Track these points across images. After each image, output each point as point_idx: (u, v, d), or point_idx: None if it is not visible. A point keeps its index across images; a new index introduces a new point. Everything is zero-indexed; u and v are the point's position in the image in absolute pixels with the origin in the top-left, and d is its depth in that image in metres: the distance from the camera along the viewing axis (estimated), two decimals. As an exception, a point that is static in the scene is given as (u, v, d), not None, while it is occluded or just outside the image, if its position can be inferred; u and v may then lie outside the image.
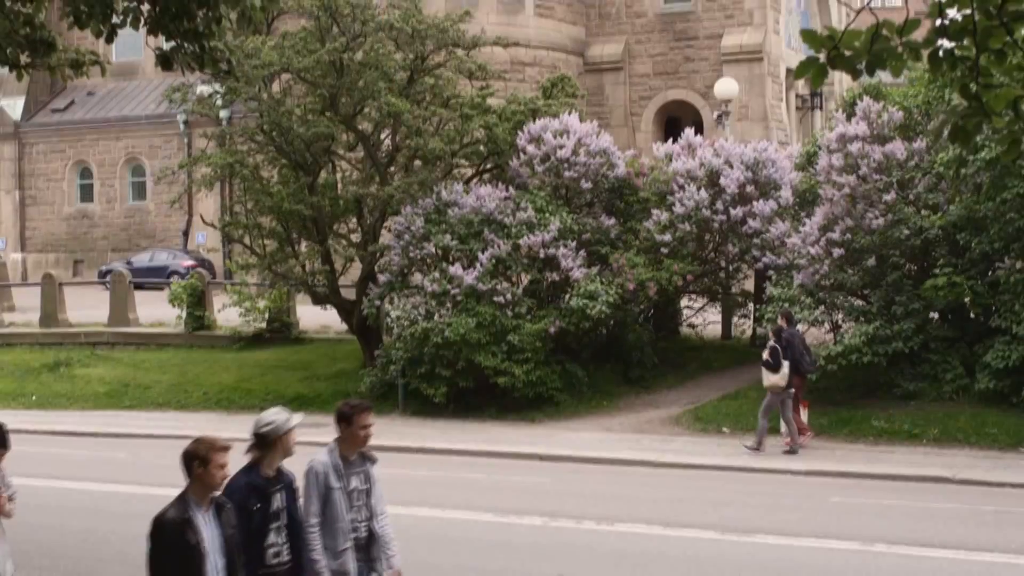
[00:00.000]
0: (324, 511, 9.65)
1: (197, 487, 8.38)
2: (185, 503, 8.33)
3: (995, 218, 24.68)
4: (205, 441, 8.49)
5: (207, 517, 8.37)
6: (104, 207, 61.91)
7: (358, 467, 9.93)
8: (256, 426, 9.40)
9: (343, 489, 9.73)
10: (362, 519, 9.88)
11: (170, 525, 8.20)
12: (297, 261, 30.90)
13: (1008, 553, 15.54)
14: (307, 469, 9.75)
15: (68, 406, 32.57)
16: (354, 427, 9.84)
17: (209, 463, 8.32)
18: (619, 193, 30.24)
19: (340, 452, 9.87)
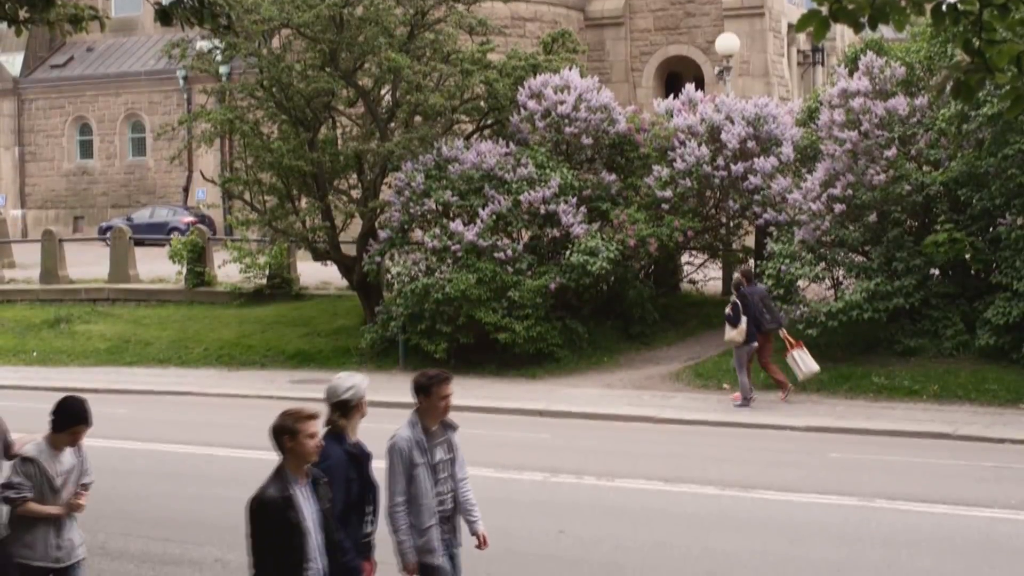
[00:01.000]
0: (408, 488, 9.44)
1: (291, 460, 8.21)
2: (284, 480, 8.15)
3: (996, 174, 24.64)
4: (291, 413, 8.31)
5: (305, 492, 8.19)
6: (104, 163, 61.82)
7: (440, 437, 9.71)
8: (335, 393, 9.24)
9: (427, 464, 9.51)
10: (447, 491, 9.69)
11: (272, 504, 8.01)
12: (297, 217, 30.84)
13: (1008, 509, 15.58)
14: (390, 446, 9.51)
15: (69, 362, 32.63)
16: (433, 398, 9.62)
17: (299, 434, 8.16)
18: (620, 149, 30.17)
19: (422, 424, 9.63)
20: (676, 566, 13.24)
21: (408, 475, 9.41)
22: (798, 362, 24.11)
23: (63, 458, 9.57)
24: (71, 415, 9.51)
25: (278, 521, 7.95)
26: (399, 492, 9.38)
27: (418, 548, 9.44)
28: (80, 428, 9.53)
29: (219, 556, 13.73)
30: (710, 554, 13.66)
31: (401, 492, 9.37)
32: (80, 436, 9.57)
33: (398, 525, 9.38)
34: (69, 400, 9.65)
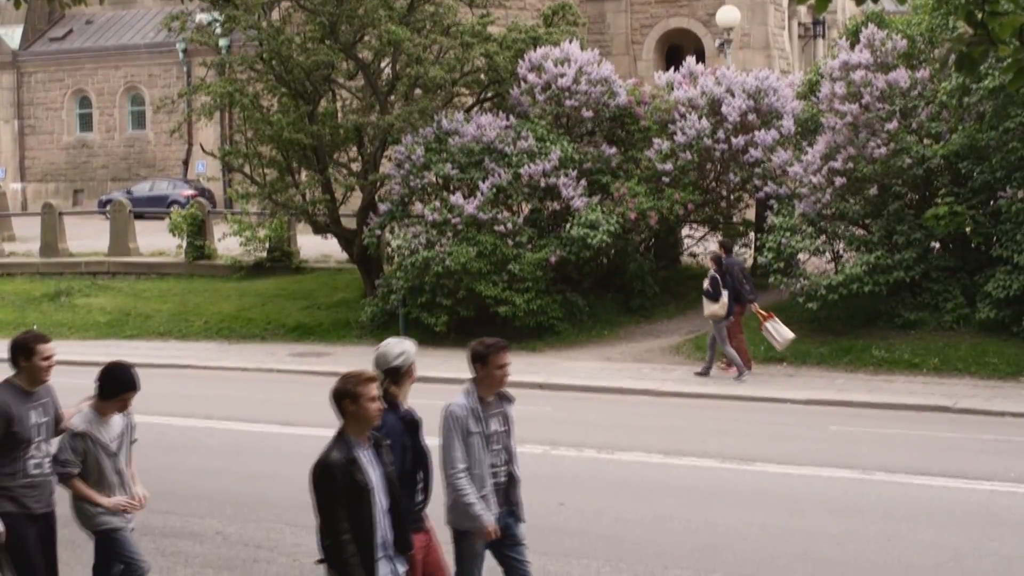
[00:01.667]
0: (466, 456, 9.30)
1: (353, 425, 8.11)
2: (346, 443, 8.06)
3: (997, 147, 24.61)
4: (351, 376, 8.20)
5: (368, 455, 8.10)
6: (103, 136, 61.73)
7: (496, 408, 9.58)
8: (385, 360, 9.15)
9: (482, 433, 9.37)
10: (501, 463, 9.51)
11: (337, 467, 7.92)
12: (297, 190, 30.81)
13: (1007, 481, 15.60)
14: (446, 413, 9.39)
15: (69, 335, 32.59)
16: (490, 367, 9.50)
17: (360, 397, 8.05)
18: (620, 122, 30.13)
19: (478, 394, 9.51)
20: (676, 539, 13.26)
21: (464, 443, 9.29)
22: (773, 333, 24.23)
23: (112, 423, 9.60)
24: (120, 382, 9.52)
25: (345, 484, 7.88)
26: (459, 459, 9.23)
27: (467, 516, 9.28)
28: (129, 394, 9.54)
29: (220, 529, 13.75)
30: (710, 527, 13.68)
31: (461, 459, 9.23)
32: (129, 402, 9.59)
33: (463, 490, 9.20)
34: (116, 367, 9.64)
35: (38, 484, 9.40)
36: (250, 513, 14.23)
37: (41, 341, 9.35)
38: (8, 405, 9.15)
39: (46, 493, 9.49)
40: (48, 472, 9.45)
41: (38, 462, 9.36)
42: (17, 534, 9.25)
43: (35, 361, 9.27)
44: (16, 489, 9.23)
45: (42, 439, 9.38)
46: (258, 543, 13.23)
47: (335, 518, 7.90)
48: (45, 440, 9.42)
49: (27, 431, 9.21)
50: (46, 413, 9.44)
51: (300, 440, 18.70)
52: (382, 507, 8.06)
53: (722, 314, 23.87)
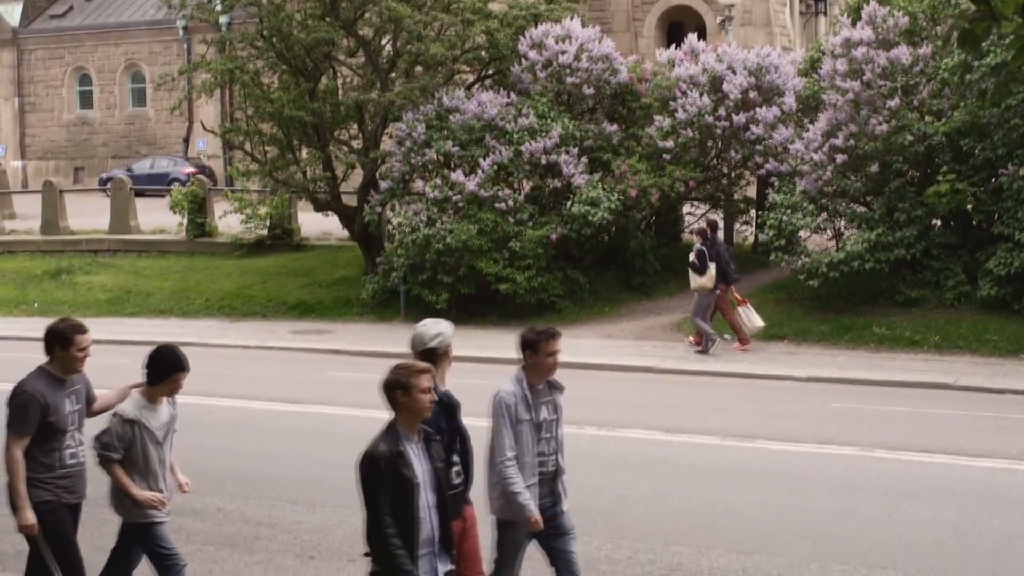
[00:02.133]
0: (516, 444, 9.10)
1: (404, 417, 7.91)
2: (395, 435, 7.85)
3: (999, 124, 24.57)
4: (404, 367, 8.00)
5: (417, 449, 7.90)
6: (104, 114, 61.66)
7: (545, 396, 9.36)
8: (421, 341, 9.02)
9: (531, 421, 9.15)
10: (550, 452, 9.31)
11: (384, 459, 7.71)
12: (298, 168, 30.80)
13: (1008, 459, 15.61)
14: (495, 400, 9.18)
15: (70, 313, 32.51)
16: (540, 354, 9.28)
17: (412, 389, 7.84)
18: (621, 99, 30.09)
19: (527, 381, 9.27)
20: (676, 516, 13.28)
21: (514, 431, 9.10)
22: (743, 318, 24.43)
23: (161, 411, 9.43)
24: (169, 364, 9.32)
25: (390, 476, 7.69)
26: (508, 447, 9.04)
27: (513, 506, 9.11)
28: (180, 375, 9.34)
29: (221, 506, 13.77)
30: (710, 504, 13.70)
31: (510, 447, 9.04)
32: (180, 384, 9.39)
33: (511, 480, 9.02)
34: (163, 349, 9.46)
35: (74, 474, 9.25)
36: (251, 490, 14.24)
37: (79, 331, 9.16)
38: (43, 395, 9.00)
39: (81, 483, 9.36)
40: (83, 461, 9.30)
41: (74, 451, 9.22)
42: (57, 522, 9.10)
43: (71, 351, 9.10)
44: (54, 480, 9.07)
45: (76, 428, 9.23)
46: (259, 520, 13.25)
47: (380, 511, 7.72)
48: (79, 428, 9.28)
49: (62, 420, 9.06)
50: (79, 401, 9.29)
51: (301, 417, 18.74)
52: (428, 503, 7.87)
53: (709, 287, 24.04)
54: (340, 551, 12.19)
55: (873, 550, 11.96)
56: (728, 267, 24.53)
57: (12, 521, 13.39)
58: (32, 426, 8.91)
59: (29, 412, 8.91)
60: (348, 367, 24.05)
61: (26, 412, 8.91)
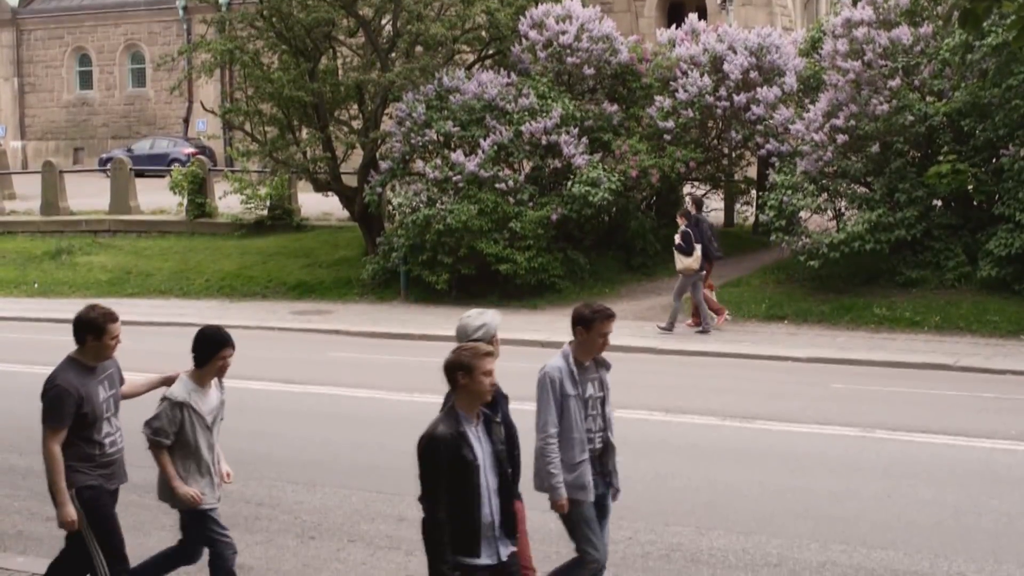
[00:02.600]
0: (559, 421, 9.03)
1: (464, 398, 7.75)
2: (455, 417, 7.72)
3: (1000, 105, 24.54)
4: (467, 348, 7.90)
5: (478, 432, 7.75)
6: (104, 94, 61.61)
7: (592, 373, 9.28)
8: (465, 333, 8.87)
9: (579, 397, 9.08)
10: (597, 429, 9.23)
11: (444, 441, 7.58)
12: (298, 148, 30.77)
13: (1008, 439, 15.62)
14: (541, 376, 9.11)
15: (70, 294, 32.63)
16: (593, 333, 9.19)
17: (474, 371, 7.67)
18: (622, 79, 30.04)
19: (575, 357, 9.21)
20: (677, 496, 13.29)
21: (559, 407, 9.02)
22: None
23: (210, 395, 9.33)
24: (215, 341, 9.21)
25: (451, 459, 7.57)
26: (551, 423, 8.99)
27: (568, 484, 9.03)
28: (227, 352, 9.22)
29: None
30: (711, 484, 13.71)
31: (553, 424, 8.99)
32: (227, 362, 9.26)
33: (550, 458, 8.97)
34: (206, 330, 9.34)
35: (114, 461, 9.14)
36: (252, 471, 14.24)
37: (111, 320, 9.02)
38: (76, 386, 8.83)
39: (120, 469, 9.24)
40: (121, 447, 9.20)
41: (113, 439, 9.10)
42: (101, 507, 8.98)
43: (104, 340, 8.97)
44: (94, 469, 8.95)
45: (111, 414, 9.12)
46: (259, 500, 13.25)
47: (433, 495, 7.63)
48: (115, 414, 9.17)
49: (97, 408, 8.93)
50: (112, 386, 9.16)
51: (301, 398, 18.74)
52: (489, 486, 7.73)
53: (696, 267, 24.18)
54: (341, 531, 12.20)
55: (873, 530, 11.97)
56: (710, 245, 24.60)
57: (12, 501, 13.47)
58: (67, 419, 8.77)
59: (63, 405, 8.77)
60: (348, 348, 24.07)
61: (60, 405, 8.77)
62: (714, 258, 24.84)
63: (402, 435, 16.55)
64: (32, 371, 21.59)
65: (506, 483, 7.86)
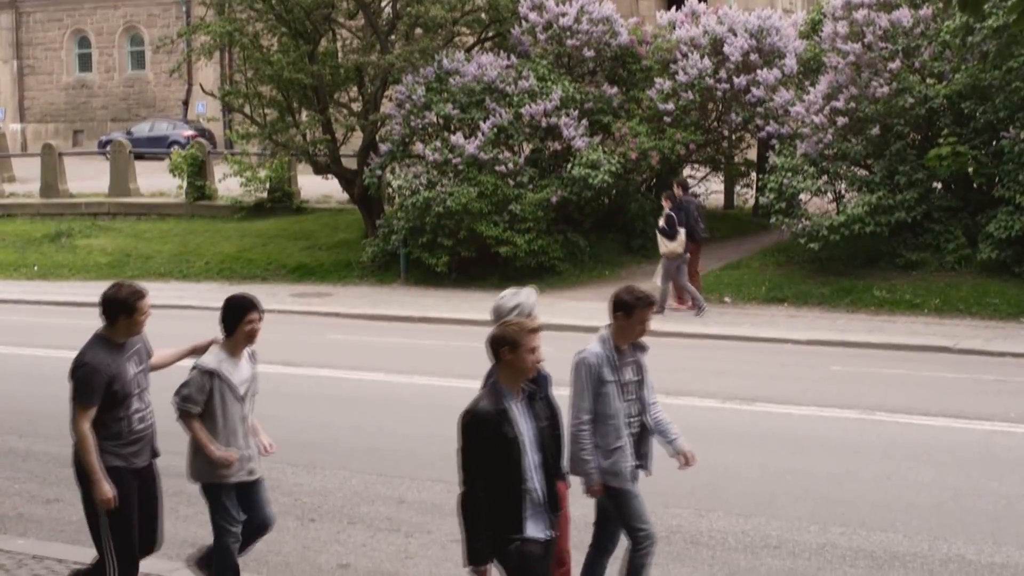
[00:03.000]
0: (595, 407, 8.89)
1: (507, 374, 7.66)
2: (498, 393, 7.62)
3: (1001, 87, 24.51)
4: (513, 324, 7.81)
5: (521, 408, 7.65)
6: (103, 77, 61.53)
7: (630, 357, 9.15)
8: (499, 312, 8.86)
9: (617, 383, 8.95)
10: (634, 414, 9.13)
11: (486, 418, 7.48)
12: (298, 130, 30.74)
13: (1007, 422, 15.62)
14: (578, 360, 9.00)
15: (70, 276, 32.64)
16: (633, 319, 9.01)
17: (520, 347, 7.58)
18: (622, 62, 30.00)
19: (613, 342, 9.05)
20: (676, 478, 13.24)
21: (595, 392, 8.89)
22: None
23: (242, 366, 9.30)
24: (239, 306, 9.21)
25: (492, 436, 7.45)
26: (585, 410, 8.87)
27: (603, 470, 8.92)
28: (253, 315, 9.22)
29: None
30: (710, 467, 13.69)
31: (587, 410, 8.87)
32: (257, 326, 9.24)
33: (583, 444, 8.86)
34: (231, 298, 9.33)
35: (143, 438, 9.04)
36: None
37: (140, 297, 8.90)
38: (106, 364, 8.74)
39: (149, 446, 9.14)
40: (152, 423, 9.11)
41: (142, 415, 9.00)
42: (121, 489, 8.83)
43: (135, 317, 8.85)
44: (123, 447, 8.87)
45: (142, 389, 9.02)
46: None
47: (471, 470, 7.49)
48: (145, 390, 9.07)
49: (127, 386, 8.83)
50: (140, 361, 9.05)
51: (300, 380, 18.74)
52: (533, 463, 7.63)
53: (679, 251, 24.25)
54: (341, 513, 12.22)
55: (873, 512, 11.98)
56: (697, 226, 24.64)
57: (12, 484, 13.47)
58: (97, 397, 8.69)
59: (93, 384, 8.69)
60: (348, 330, 24.07)
61: (90, 384, 8.69)
62: (700, 239, 24.86)
63: (402, 417, 16.62)
64: (32, 354, 21.64)
65: (548, 460, 7.78)
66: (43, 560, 10.64)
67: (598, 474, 8.90)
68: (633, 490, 9.09)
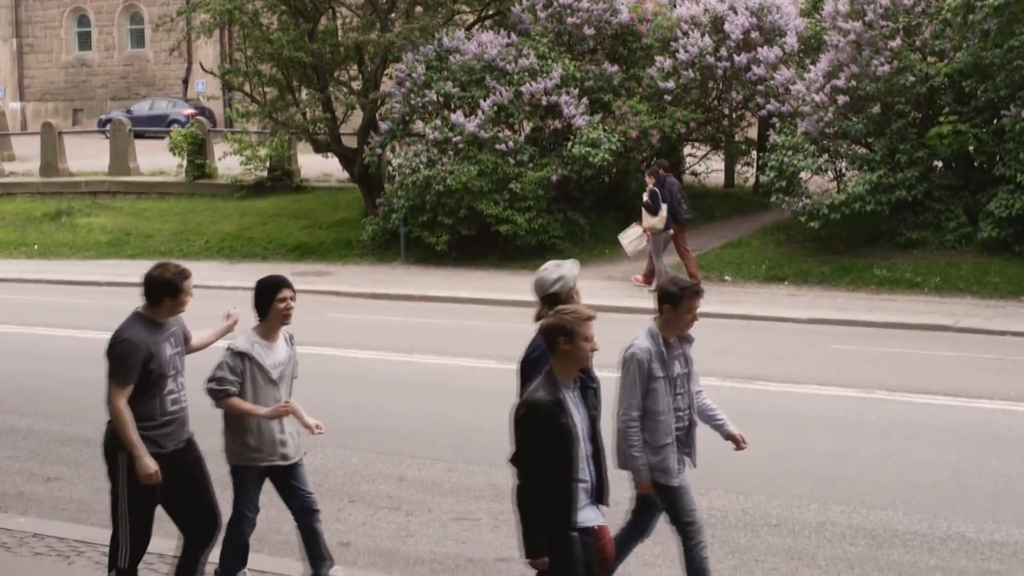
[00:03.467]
0: (644, 403, 8.77)
1: (563, 363, 7.52)
2: (554, 383, 7.46)
3: (1002, 65, 24.46)
4: (569, 312, 7.63)
5: (575, 398, 7.57)
6: (103, 55, 61.42)
7: (677, 350, 8.96)
8: (542, 287, 8.68)
9: (667, 378, 8.80)
10: (684, 407, 9.01)
11: (545, 408, 7.33)
12: (298, 109, 30.70)
13: (1007, 400, 15.63)
14: (627, 356, 8.85)
15: (70, 255, 32.64)
16: (681, 310, 8.82)
17: (577, 336, 7.46)
18: (622, 40, 29.92)
19: (662, 336, 8.84)
20: (677, 457, 13.29)
21: (645, 389, 8.76)
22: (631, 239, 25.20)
23: (277, 349, 9.21)
24: (269, 286, 9.14)
25: (550, 426, 7.32)
26: (635, 406, 8.75)
27: (652, 467, 8.80)
28: (283, 292, 9.10)
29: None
30: (710, 445, 13.63)
31: (637, 407, 8.75)
32: (290, 303, 9.12)
33: (632, 441, 8.75)
34: (261, 280, 9.27)
35: (176, 420, 8.90)
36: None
37: (185, 277, 8.80)
38: (145, 342, 8.63)
39: (181, 429, 8.99)
40: (185, 406, 8.98)
41: (176, 397, 8.87)
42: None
43: (180, 298, 8.77)
44: (155, 428, 8.72)
45: (177, 371, 8.90)
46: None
47: (530, 462, 7.39)
48: (180, 372, 8.94)
49: (163, 366, 8.71)
50: (177, 343, 8.95)
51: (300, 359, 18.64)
52: (586, 453, 7.58)
53: (660, 227, 24.35)
54: (341, 491, 12.25)
55: (873, 491, 12.00)
56: (679, 206, 24.69)
57: (13, 463, 13.48)
58: (134, 375, 8.57)
59: (131, 360, 8.57)
60: (348, 309, 24.07)
61: (128, 360, 8.57)
62: (683, 219, 24.92)
63: (401, 396, 16.64)
64: (32, 332, 21.65)
65: (599, 450, 7.70)
66: (44, 538, 10.66)
67: (647, 470, 8.80)
68: (683, 485, 8.99)
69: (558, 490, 7.40)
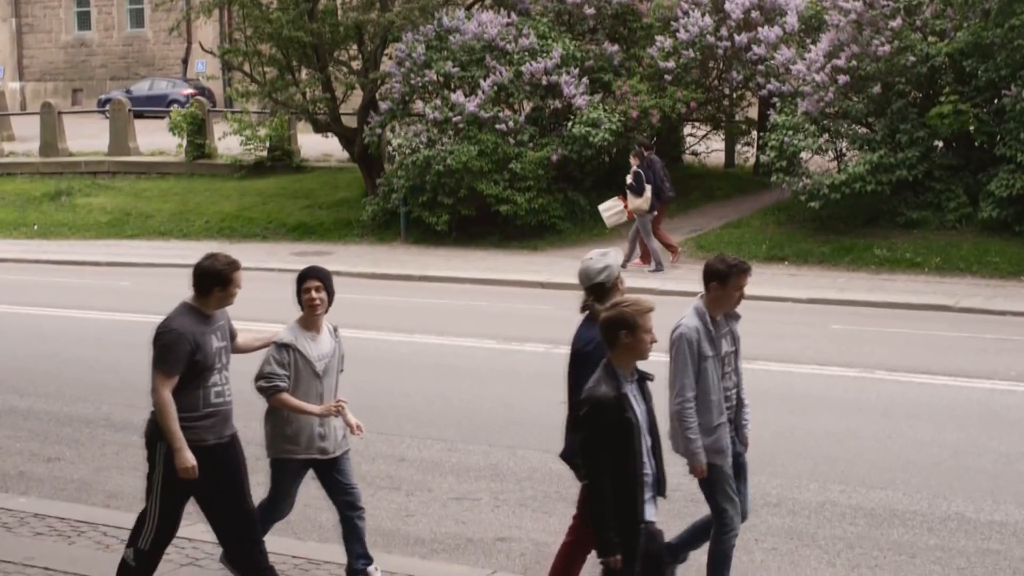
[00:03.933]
0: (696, 384, 8.63)
1: (623, 356, 7.46)
2: (615, 377, 7.40)
3: (1003, 45, 24.41)
4: (632, 304, 7.54)
5: (633, 390, 7.50)
6: (102, 35, 61.31)
7: (724, 328, 8.82)
8: (588, 276, 8.61)
9: (716, 357, 8.67)
10: (732, 386, 8.93)
11: (609, 402, 7.26)
12: (298, 89, 30.66)
13: (1007, 380, 15.63)
14: (676, 336, 8.68)
15: (70, 235, 32.63)
16: (729, 288, 8.70)
17: (638, 329, 7.42)
18: (622, 19, 29.86)
19: (709, 314, 8.70)
20: (677, 437, 13.30)
21: (697, 369, 8.60)
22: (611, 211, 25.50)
23: (321, 341, 9.08)
24: (298, 277, 9.06)
25: (614, 420, 7.26)
26: (689, 387, 8.58)
27: (706, 448, 8.63)
28: (309, 283, 8.97)
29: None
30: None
31: (691, 387, 8.58)
32: (311, 296, 8.93)
33: (688, 423, 8.56)
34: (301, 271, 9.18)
35: (219, 413, 8.73)
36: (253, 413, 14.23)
37: (236, 268, 8.63)
38: (192, 333, 8.49)
39: (223, 423, 8.80)
40: (230, 400, 8.82)
41: (220, 390, 8.71)
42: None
43: (230, 289, 8.61)
44: (196, 420, 8.57)
45: (223, 365, 8.73)
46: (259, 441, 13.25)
47: (598, 459, 7.30)
48: (225, 367, 8.78)
49: (209, 358, 8.57)
50: (224, 337, 8.78)
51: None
52: (647, 446, 7.48)
53: (645, 208, 24.55)
54: (341, 472, 12.23)
55: (873, 470, 12.01)
56: (663, 185, 24.95)
57: (14, 443, 13.50)
58: (180, 365, 8.45)
59: (178, 351, 8.45)
60: (348, 289, 23.93)
61: (174, 351, 8.45)
62: (666, 198, 25.17)
63: (402, 376, 16.65)
64: (33, 312, 21.67)
65: (658, 442, 7.65)
66: (44, 518, 10.67)
67: (704, 454, 8.64)
68: (730, 468, 8.89)
69: (624, 485, 7.32)
